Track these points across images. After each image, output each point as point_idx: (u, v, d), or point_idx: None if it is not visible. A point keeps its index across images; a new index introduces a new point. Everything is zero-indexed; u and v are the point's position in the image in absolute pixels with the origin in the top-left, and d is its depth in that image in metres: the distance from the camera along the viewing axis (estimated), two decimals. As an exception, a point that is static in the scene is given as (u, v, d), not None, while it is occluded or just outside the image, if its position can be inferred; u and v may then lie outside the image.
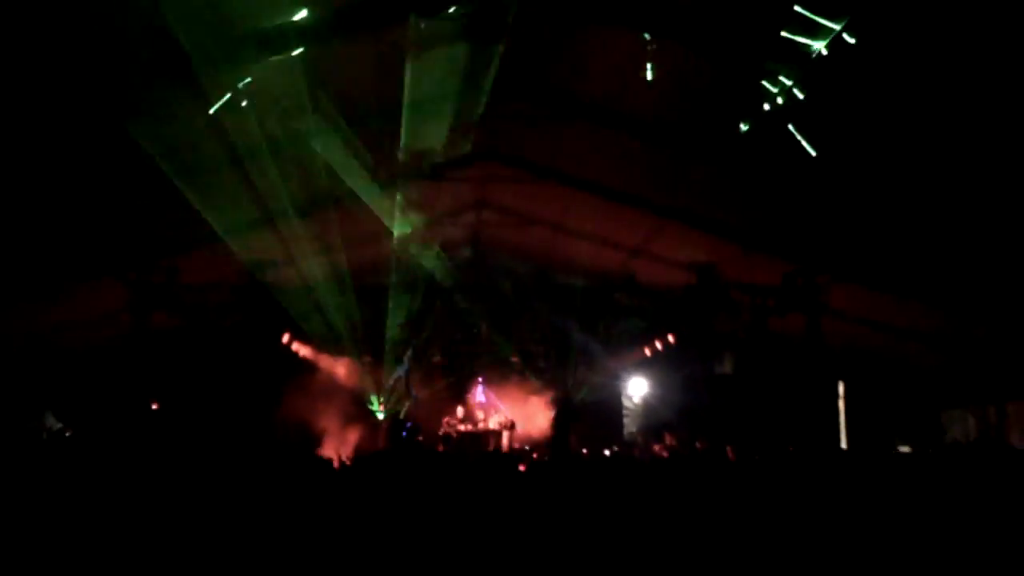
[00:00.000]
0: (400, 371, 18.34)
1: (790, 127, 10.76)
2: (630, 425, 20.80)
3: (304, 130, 11.86)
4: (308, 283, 16.40)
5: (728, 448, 14.26)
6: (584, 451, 17.78)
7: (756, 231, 14.79)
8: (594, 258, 17.63)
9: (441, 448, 16.80)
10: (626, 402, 20.97)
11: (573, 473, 9.49)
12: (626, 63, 10.87)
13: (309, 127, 11.78)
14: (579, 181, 15.05)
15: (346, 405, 18.00)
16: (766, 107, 10.67)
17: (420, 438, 17.09)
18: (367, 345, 18.38)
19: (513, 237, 18.49)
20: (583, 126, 13.17)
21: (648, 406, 20.39)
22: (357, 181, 13.44)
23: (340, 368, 18.43)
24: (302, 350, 18.21)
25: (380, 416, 18.46)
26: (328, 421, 17.48)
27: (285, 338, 17.74)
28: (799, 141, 10.79)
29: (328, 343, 17.92)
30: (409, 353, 18.20)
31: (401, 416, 17.71)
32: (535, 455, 16.24)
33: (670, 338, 18.65)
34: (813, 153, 10.81)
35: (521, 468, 10.43)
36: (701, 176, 13.27)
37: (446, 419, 18.21)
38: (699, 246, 16.02)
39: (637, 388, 20.74)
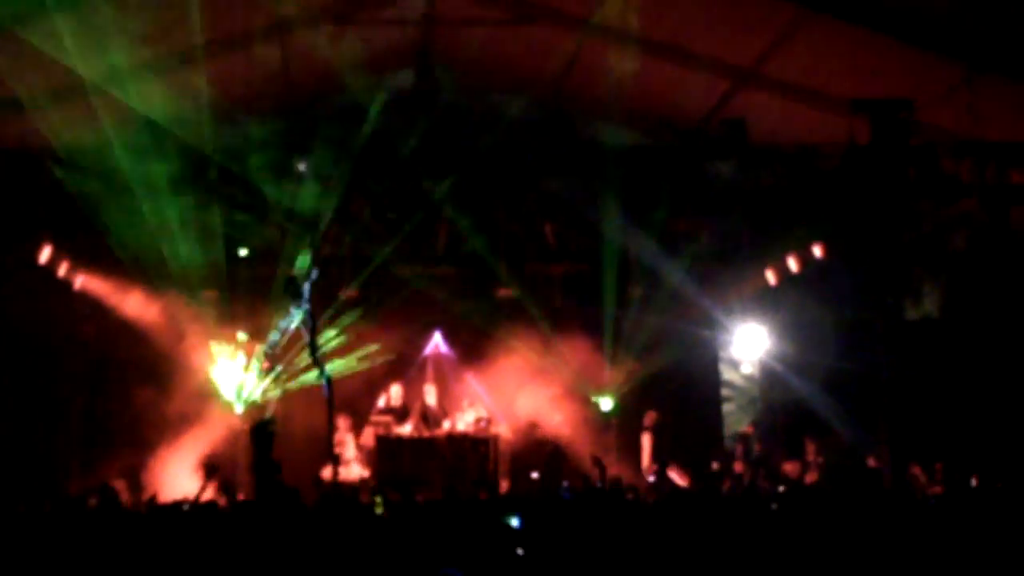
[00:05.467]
0: (295, 317, 16.98)
1: None
2: (736, 418, 20.56)
3: None
4: (99, 139, 16.58)
5: (937, 467, 15.94)
6: (648, 477, 17.82)
7: (996, 34, 15.15)
8: (661, 89, 17.89)
9: (361, 480, 17.08)
10: (728, 373, 20.73)
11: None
12: None
13: None
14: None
15: (166, 390, 17.74)
16: None
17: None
18: (218, 266, 18.25)
19: (497, 46, 18.43)
20: None
21: (771, 380, 19.96)
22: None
23: (153, 311, 18.20)
24: (80, 278, 18.25)
25: (238, 411, 18.25)
26: (122, 421, 17.86)
27: (44, 254, 17.59)
28: None
29: (137, 264, 17.79)
30: (311, 277, 16.53)
31: (268, 417, 16.45)
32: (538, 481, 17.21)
33: (815, 249, 18.37)
34: None
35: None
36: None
37: (374, 412, 18.31)
38: (875, 63, 16.10)
39: (749, 346, 19.97)
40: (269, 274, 18.49)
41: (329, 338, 18.49)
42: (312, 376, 17.62)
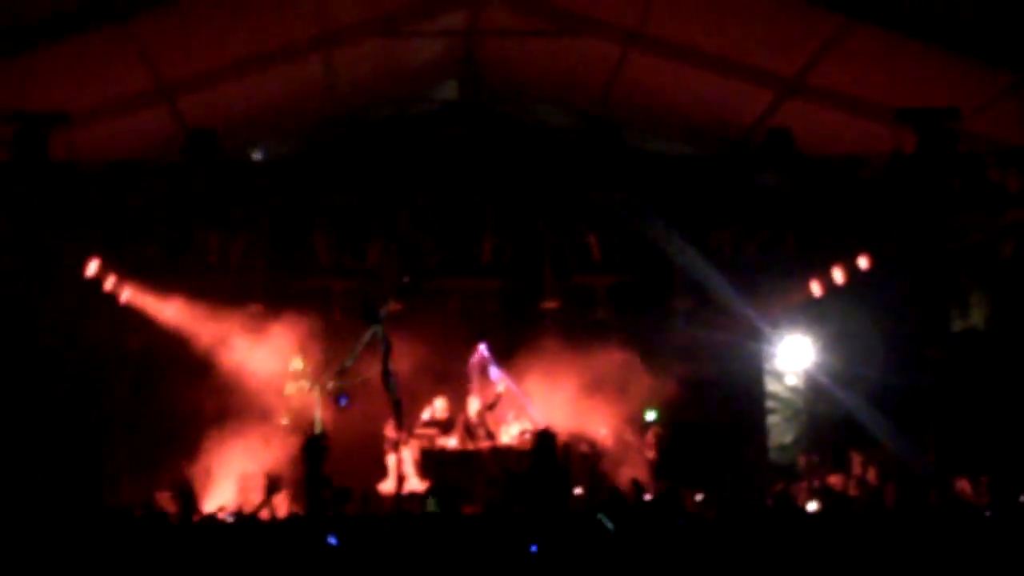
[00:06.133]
0: (372, 332, 16.53)
1: None
2: (781, 430, 20.48)
3: None
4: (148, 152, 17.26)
5: (983, 480, 15.71)
6: (695, 494, 17.31)
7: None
8: (709, 101, 18.27)
9: (404, 490, 16.51)
10: (772, 385, 20.56)
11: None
12: None
13: None
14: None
15: (212, 402, 17.66)
16: None
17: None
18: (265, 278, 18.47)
19: (543, 58, 18.75)
20: None
21: (816, 392, 19.51)
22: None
23: (200, 324, 17.93)
24: (126, 292, 17.97)
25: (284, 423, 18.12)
26: (169, 433, 17.79)
27: (91, 267, 17.35)
28: None
29: (184, 277, 18.03)
30: (388, 302, 16.89)
31: (319, 433, 16.41)
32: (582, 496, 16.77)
33: (861, 260, 18.06)
34: None
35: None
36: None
37: (418, 425, 18.10)
38: (920, 72, 16.38)
39: (794, 357, 19.53)
40: (315, 287, 18.56)
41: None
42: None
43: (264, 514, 15.37)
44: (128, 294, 17.99)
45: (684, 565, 9.60)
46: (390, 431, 17.46)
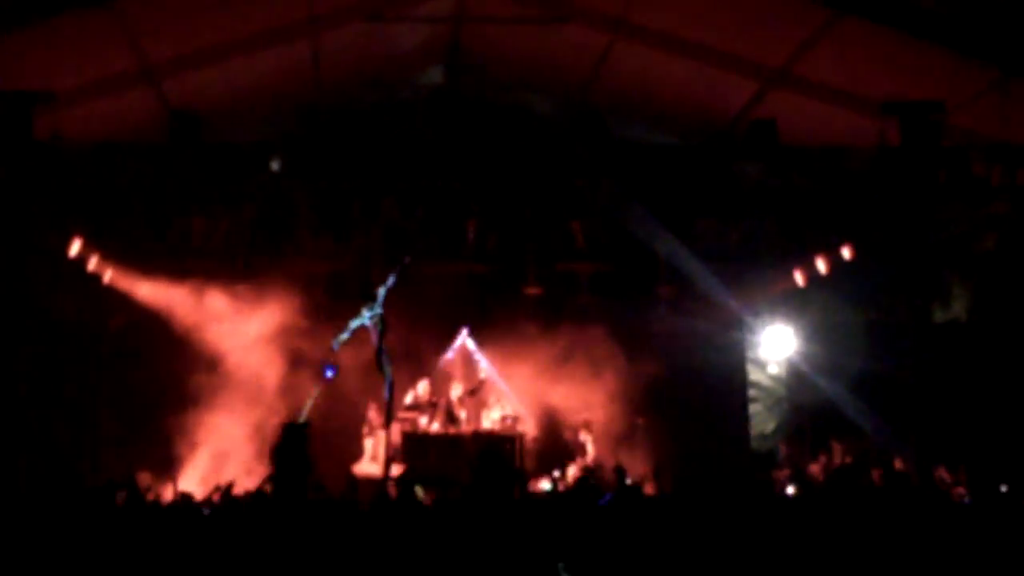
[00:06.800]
0: (364, 319, 15.75)
1: None
2: (762, 418, 20.43)
3: None
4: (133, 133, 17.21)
5: (962, 471, 15.90)
6: (666, 479, 17.25)
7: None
8: (694, 90, 18.11)
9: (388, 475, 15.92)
10: (755, 373, 20.53)
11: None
12: None
13: None
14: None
15: (195, 382, 17.63)
16: None
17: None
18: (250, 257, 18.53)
19: (529, 45, 18.40)
20: None
21: (798, 381, 19.85)
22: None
23: (184, 304, 18.02)
24: (109, 272, 18.04)
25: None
26: (152, 414, 17.60)
27: (75, 247, 17.38)
28: None
29: (168, 256, 18.14)
30: (388, 283, 15.84)
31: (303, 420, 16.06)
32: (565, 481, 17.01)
33: (844, 251, 18.16)
34: None
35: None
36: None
37: (400, 408, 17.94)
38: (906, 65, 16.20)
39: (776, 346, 19.88)
40: (296, 267, 18.52)
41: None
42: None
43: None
44: (111, 274, 18.00)
45: (659, 550, 9.55)
46: (373, 413, 17.76)
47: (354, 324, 16.08)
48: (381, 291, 16.04)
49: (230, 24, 16.47)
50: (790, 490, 16.38)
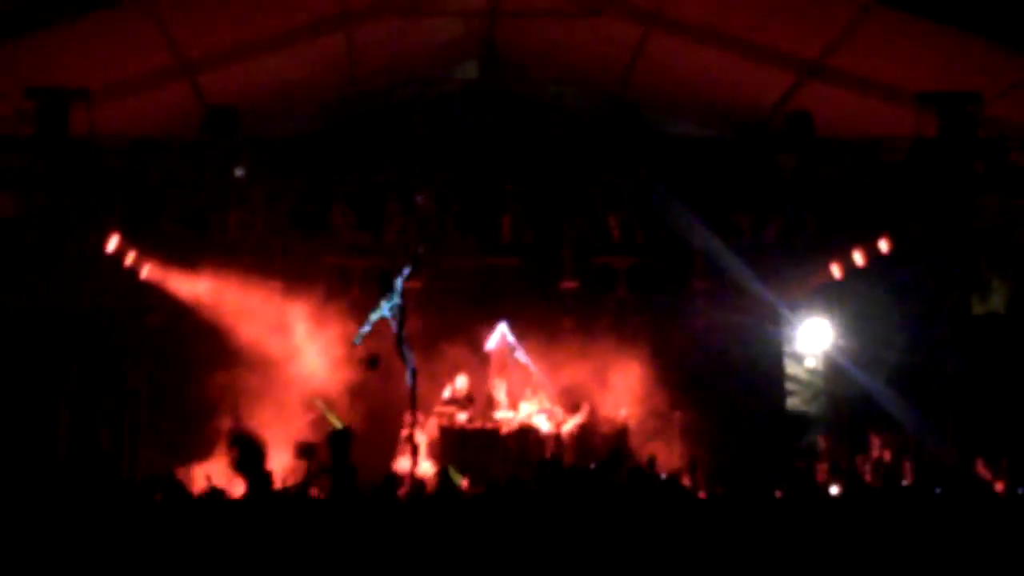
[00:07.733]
0: (384, 309, 16.74)
1: None
2: (799, 411, 20.45)
3: None
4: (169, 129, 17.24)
5: (1003, 463, 15.56)
6: (701, 474, 17.13)
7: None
8: (729, 83, 18.15)
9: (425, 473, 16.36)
10: (792, 367, 20.43)
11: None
12: None
13: None
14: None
15: (233, 378, 17.47)
16: None
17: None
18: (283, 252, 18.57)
19: (564, 39, 18.56)
20: None
21: (836, 374, 19.68)
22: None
23: (220, 300, 17.92)
24: (147, 268, 17.99)
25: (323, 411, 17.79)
26: (189, 410, 17.66)
27: (112, 243, 17.32)
28: None
29: (204, 253, 17.98)
30: (405, 273, 16.81)
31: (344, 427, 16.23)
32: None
33: (881, 243, 18.04)
34: None
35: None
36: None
37: (438, 403, 18.04)
38: (942, 56, 16.16)
39: (814, 339, 19.70)
40: (334, 265, 18.67)
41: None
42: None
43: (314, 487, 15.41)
44: (148, 270, 18.00)
45: (699, 545, 9.57)
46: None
47: (374, 316, 16.87)
48: (398, 281, 16.63)
49: (265, 19, 16.47)
50: (834, 490, 16.09)
